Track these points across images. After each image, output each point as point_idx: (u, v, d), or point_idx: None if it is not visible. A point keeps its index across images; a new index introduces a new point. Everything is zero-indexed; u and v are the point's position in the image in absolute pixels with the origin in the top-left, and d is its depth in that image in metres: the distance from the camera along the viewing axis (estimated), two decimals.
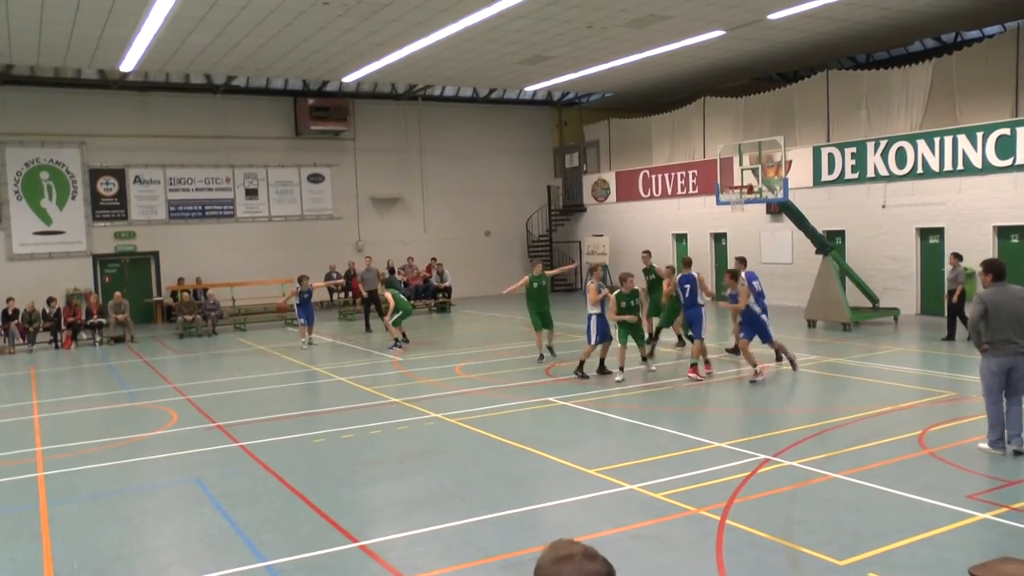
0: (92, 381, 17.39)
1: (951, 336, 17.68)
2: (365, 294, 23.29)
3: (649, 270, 18.08)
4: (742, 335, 14.21)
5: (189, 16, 18.19)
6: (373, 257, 28.01)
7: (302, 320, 20.22)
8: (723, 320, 20.42)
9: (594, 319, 14.43)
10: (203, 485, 9.04)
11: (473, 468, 9.37)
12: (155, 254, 27.60)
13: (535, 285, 16.88)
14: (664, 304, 16.22)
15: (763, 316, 14.22)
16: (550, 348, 16.93)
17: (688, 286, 14.66)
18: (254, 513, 8.07)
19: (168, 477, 9.67)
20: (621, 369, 14.23)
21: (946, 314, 18.30)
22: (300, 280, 20.63)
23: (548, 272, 18.58)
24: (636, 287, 14.49)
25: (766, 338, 14.21)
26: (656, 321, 16.67)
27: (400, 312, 19.05)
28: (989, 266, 9.29)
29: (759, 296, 14.52)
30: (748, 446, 9.74)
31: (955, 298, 17.61)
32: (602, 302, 14.45)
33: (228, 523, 7.80)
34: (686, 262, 15.29)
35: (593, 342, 14.50)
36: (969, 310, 9.63)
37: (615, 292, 14.27)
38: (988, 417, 9.10)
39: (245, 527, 7.65)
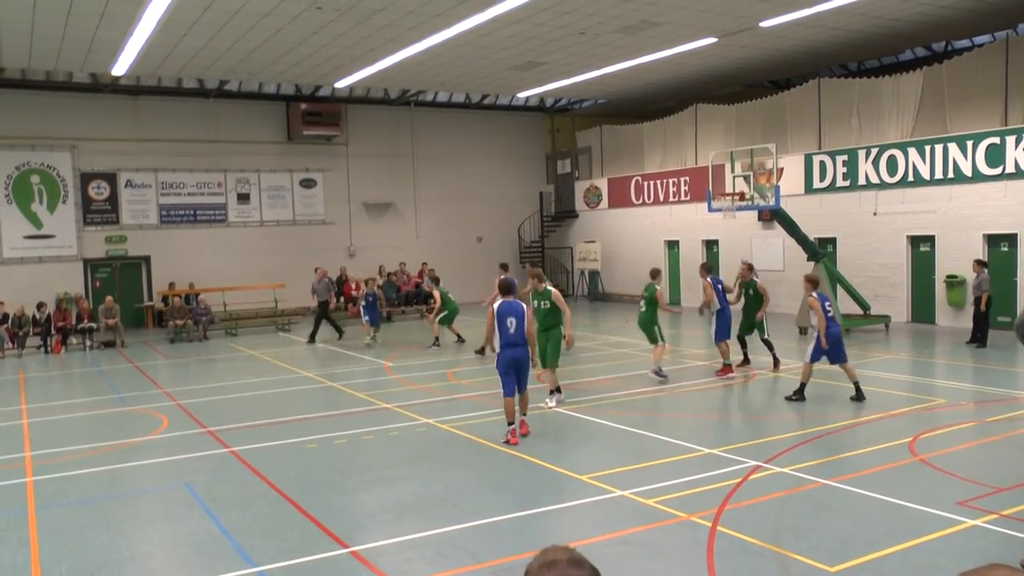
0: (82, 386, 17.31)
1: (982, 342, 17.72)
2: (314, 304, 22.35)
3: (749, 284, 15.60)
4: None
5: (182, 20, 18.17)
6: (361, 262, 28.06)
7: (366, 319, 20.91)
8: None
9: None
10: (193, 490, 9.00)
11: (464, 474, 9.35)
12: (146, 259, 27.51)
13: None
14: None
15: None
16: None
17: (719, 286, 15.56)
18: (244, 518, 8.04)
19: (158, 482, 9.63)
20: (558, 390, 12.91)
21: (972, 320, 18.38)
22: (366, 283, 21.69)
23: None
24: (549, 287, 12.73)
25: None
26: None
27: (446, 311, 19.62)
28: None
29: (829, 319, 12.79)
30: (739, 452, 9.74)
31: (983, 305, 17.76)
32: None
33: (218, 528, 7.76)
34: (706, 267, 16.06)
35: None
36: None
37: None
38: None
39: (235, 532, 7.62)
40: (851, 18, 20.38)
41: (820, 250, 20.85)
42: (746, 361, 15.80)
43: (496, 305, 10.70)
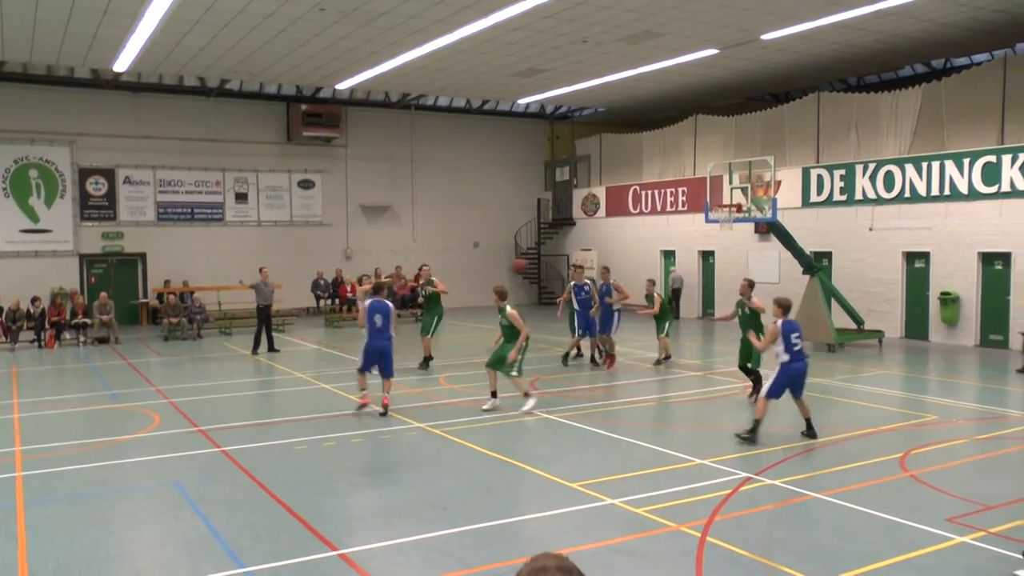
0: (74, 381, 17.27)
1: None
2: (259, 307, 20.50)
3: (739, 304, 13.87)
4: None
5: (184, 18, 18.19)
6: (358, 264, 28.03)
7: None
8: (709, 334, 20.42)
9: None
10: (183, 489, 8.98)
11: (455, 479, 9.35)
12: (142, 256, 27.49)
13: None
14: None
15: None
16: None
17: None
18: (233, 519, 8.03)
19: (147, 480, 9.61)
20: (526, 395, 13.00)
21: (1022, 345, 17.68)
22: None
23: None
24: (508, 308, 12.95)
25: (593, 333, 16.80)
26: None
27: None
28: None
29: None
30: (730, 464, 9.75)
31: None
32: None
33: (207, 528, 7.75)
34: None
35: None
36: None
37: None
38: None
39: (224, 533, 7.61)
40: (852, 33, 20.46)
41: (816, 264, 20.88)
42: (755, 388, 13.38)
43: (367, 303, 12.80)
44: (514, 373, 12.91)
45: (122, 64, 22.37)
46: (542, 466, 9.72)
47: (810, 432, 11.04)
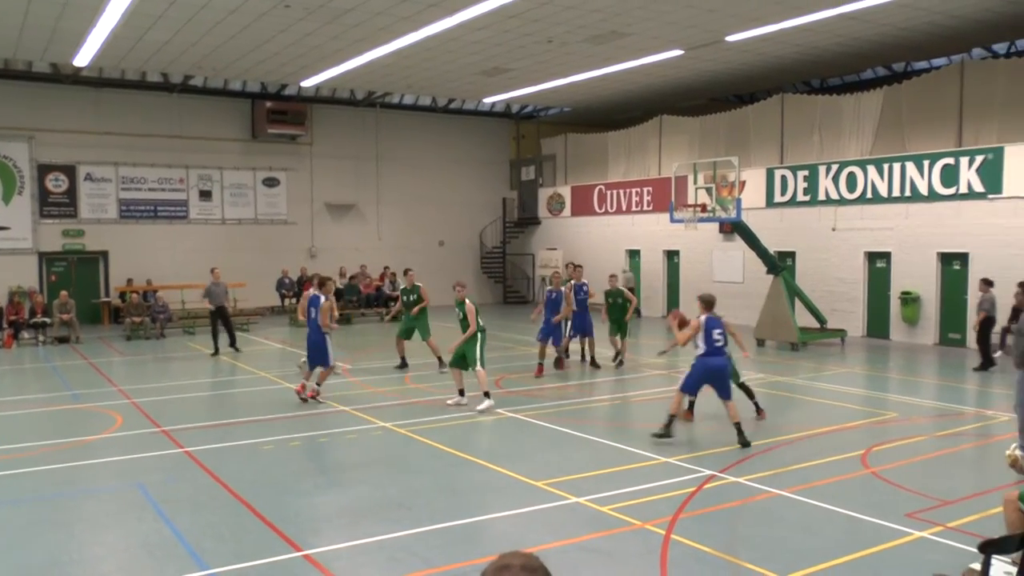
0: (34, 382, 16.98)
1: (987, 365, 16.67)
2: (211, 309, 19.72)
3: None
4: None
5: (147, 13, 17.96)
6: (323, 263, 27.85)
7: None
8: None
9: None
10: (145, 491, 8.88)
11: (420, 478, 9.33)
12: (104, 254, 27.10)
13: (610, 301, 17.30)
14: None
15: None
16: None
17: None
18: (197, 520, 7.95)
19: (110, 482, 9.49)
20: (486, 395, 13.04)
21: (977, 342, 17.32)
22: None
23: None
24: (466, 301, 13.32)
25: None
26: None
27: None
28: None
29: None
30: (694, 462, 9.84)
31: (977, 325, 16.93)
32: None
33: (170, 530, 7.67)
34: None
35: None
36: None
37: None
38: None
39: (187, 534, 7.53)
40: (815, 36, 20.70)
41: (779, 263, 21.11)
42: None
43: (308, 296, 14.23)
44: (477, 368, 12.99)
45: (83, 59, 22.04)
46: (507, 465, 9.74)
47: (741, 439, 10.53)
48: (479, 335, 13.07)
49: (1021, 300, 10.26)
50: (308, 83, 25.92)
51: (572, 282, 17.18)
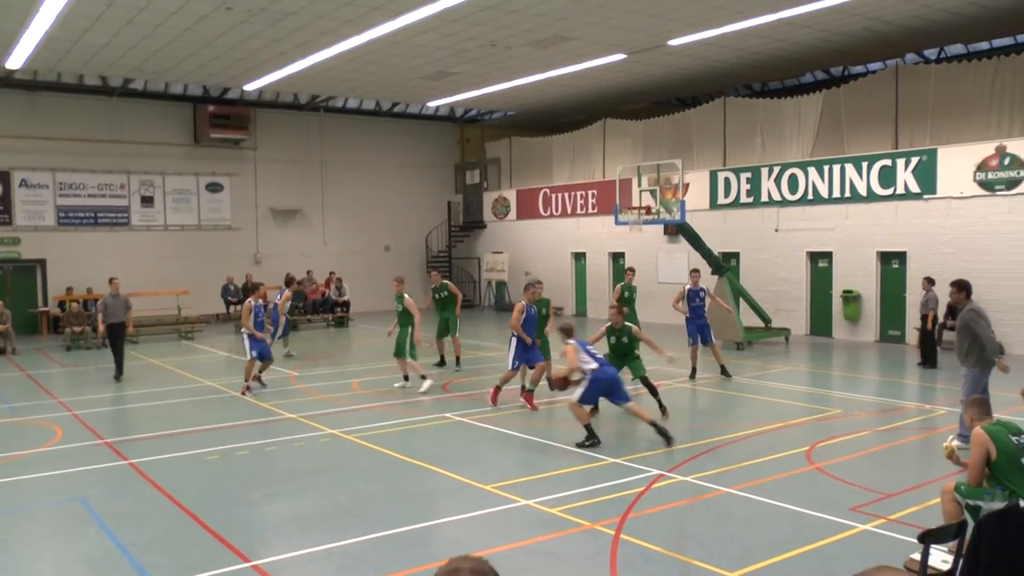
0: None
1: (932, 363, 16.93)
2: (102, 328, 17.68)
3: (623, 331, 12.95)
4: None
5: (84, 14, 17.57)
6: (268, 269, 27.43)
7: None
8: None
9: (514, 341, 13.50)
10: (88, 505, 8.68)
11: (368, 485, 9.27)
12: (41, 262, 26.42)
13: (626, 294, 17.17)
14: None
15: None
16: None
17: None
18: (142, 533, 7.80)
19: (50, 497, 9.25)
20: (405, 378, 15.24)
21: (919, 340, 17.72)
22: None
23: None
24: (404, 295, 15.19)
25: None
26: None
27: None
28: (964, 285, 10.32)
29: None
30: (643, 462, 9.92)
31: (928, 324, 17.11)
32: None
33: (114, 544, 7.51)
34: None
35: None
36: (980, 328, 9.97)
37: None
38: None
39: (132, 548, 7.38)
40: (755, 40, 21.04)
41: (724, 264, 21.40)
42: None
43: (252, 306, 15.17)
44: (410, 359, 14.76)
45: (15, 61, 21.46)
46: (456, 469, 9.72)
47: (664, 437, 10.60)
48: (411, 328, 14.81)
49: (956, 299, 10.53)
50: (251, 87, 25.62)
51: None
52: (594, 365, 10.97)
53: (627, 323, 12.91)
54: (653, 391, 12.55)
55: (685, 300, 16.03)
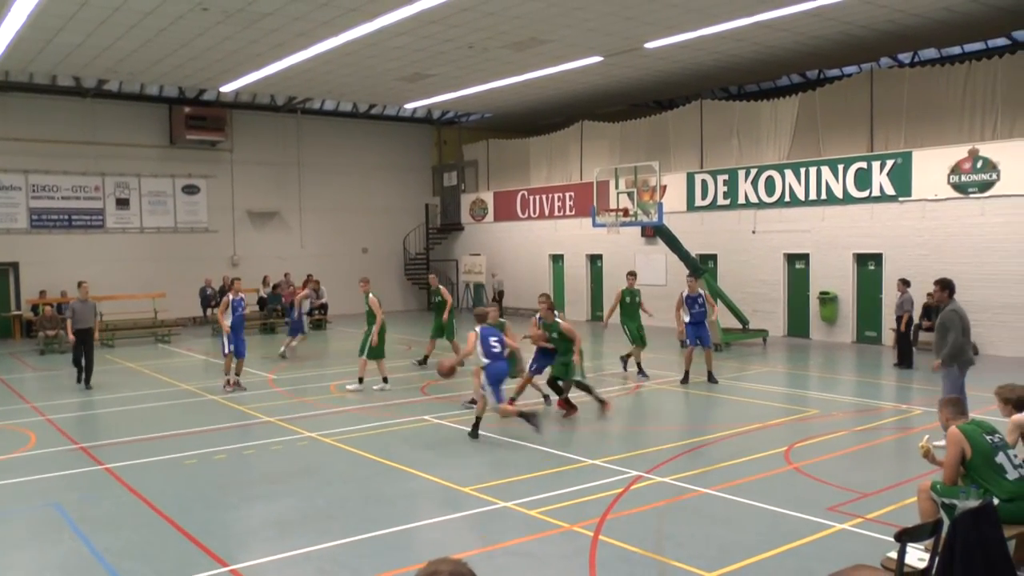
0: None
1: (908, 363, 17.11)
2: (71, 337, 16.63)
3: (552, 326, 13.07)
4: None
5: (56, 14, 17.39)
6: (245, 271, 27.27)
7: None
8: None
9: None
10: (62, 510, 8.58)
11: (347, 488, 9.23)
12: (14, 265, 26.12)
13: (627, 299, 16.83)
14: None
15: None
16: (638, 364, 16.63)
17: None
18: (117, 539, 7.71)
19: (24, 503, 9.13)
20: (360, 380, 15.40)
21: (895, 341, 17.93)
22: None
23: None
24: (371, 295, 15.65)
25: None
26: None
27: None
28: (947, 284, 10.43)
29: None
30: (621, 463, 9.93)
31: (903, 325, 17.21)
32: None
33: (88, 550, 7.42)
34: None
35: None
36: (954, 329, 10.11)
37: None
38: None
39: (107, 555, 7.30)
40: (730, 43, 21.16)
41: (701, 266, 21.48)
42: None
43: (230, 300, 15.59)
44: (363, 357, 15.30)
45: None
46: (435, 471, 9.70)
47: (530, 420, 11.09)
48: (372, 328, 15.28)
49: (939, 297, 10.63)
50: (227, 88, 25.48)
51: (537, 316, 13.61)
52: (486, 361, 11.42)
53: (557, 319, 12.94)
54: (586, 389, 12.89)
55: (685, 307, 15.87)
